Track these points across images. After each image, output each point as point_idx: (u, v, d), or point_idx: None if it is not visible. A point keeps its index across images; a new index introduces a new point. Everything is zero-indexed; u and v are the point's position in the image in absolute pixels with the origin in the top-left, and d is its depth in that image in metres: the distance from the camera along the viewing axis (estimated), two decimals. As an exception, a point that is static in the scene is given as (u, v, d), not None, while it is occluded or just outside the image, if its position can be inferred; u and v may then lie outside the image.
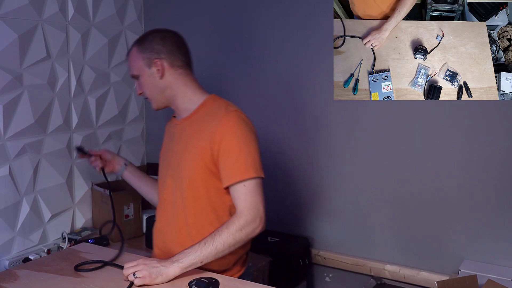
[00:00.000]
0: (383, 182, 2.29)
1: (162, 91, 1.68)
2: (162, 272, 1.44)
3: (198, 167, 1.60)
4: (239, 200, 1.55)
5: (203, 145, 1.58)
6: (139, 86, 1.72)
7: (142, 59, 1.67)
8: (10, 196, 2.16)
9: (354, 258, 2.37)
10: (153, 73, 1.67)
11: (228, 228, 1.51)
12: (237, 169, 1.55)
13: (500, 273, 1.96)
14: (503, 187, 2.05)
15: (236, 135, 1.57)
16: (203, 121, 1.62)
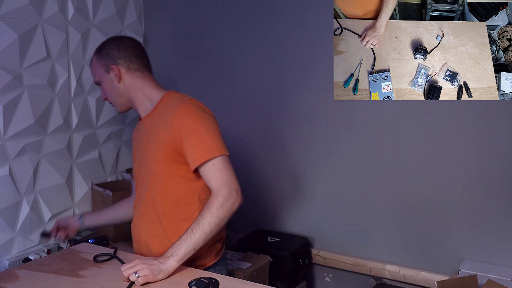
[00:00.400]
0: (383, 182, 2.29)
1: (121, 94, 1.78)
2: (162, 268, 1.47)
3: (162, 159, 1.66)
4: (212, 179, 1.60)
5: (164, 137, 1.64)
6: (102, 92, 1.83)
7: (101, 66, 1.78)
8: (10, 196, 2.16)
9: (354, 258, 2.37)
10: (112, 78, 1.77)
11: (209, 209, 1.55)
12: (202, 150, 1.60)
13: (500, 273, 1.96)
14: (503, 187, 2.05)
15: (193, 119, 1.63)
16: (162, 115, 1.69)
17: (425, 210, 2.20)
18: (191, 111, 1.64)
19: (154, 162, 1.68)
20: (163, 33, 2.80)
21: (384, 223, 2.31)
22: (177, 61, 2.80)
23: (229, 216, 1.58)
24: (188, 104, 1.65)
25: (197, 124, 1.62)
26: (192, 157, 1.61)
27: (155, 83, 1.81)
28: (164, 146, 1.64)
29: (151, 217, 1.70)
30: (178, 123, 1.61)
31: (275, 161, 2.56)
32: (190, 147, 1.61)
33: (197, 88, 2.74)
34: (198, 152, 1.60)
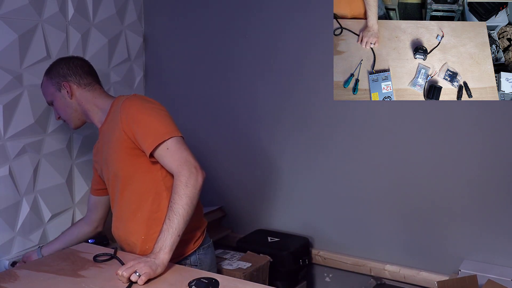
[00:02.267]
0: (383, 182, 2.29)
1: (75, 109, 1.87)
2: (158, 263, 1.50)
3: (120, 156, 1.72)
4: (169, 162, 1.63)
5: (116, 136, 1.71)
6: (55, 111, 1.92)
7: (52, 85, 1.88)
8: (10, 196, 2.15)
9: (354, 258, 2.37)
10: (64, 95, 1.86)
11: (177, 192, 1.58)
12: (152, 136, 1.64)
13: (500, 273, 1.96)
14: (504, 187, 2.05)
15: (138, 109, 1.69)
16: (113, 118, 1.76)
17: (425, 210, 2.20)
18: (134, 103, 1.71)
19: (115, 163, 1.74)
20: (163, 33, 2.80)
21: (384, 223, 2.31)
22: (177, 61, 2.80)
23: (197, 193, 1.60)
24: (132, 98, 1.74)
25: (142, 113, 1.68)
26: (145, 146, 1.66)
27: (105, 93, 1.90)
28: (119, 143, 1.70)
29: (126, 215, 1.77)
30: (125, 117, 1.68)
31: (275, 161, 2.55)
32: (141, 136, 1.66)
33: (197, 88, 2.74)
34: (149, 139, 1.65)
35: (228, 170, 2.68)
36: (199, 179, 1.60)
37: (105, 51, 2.58)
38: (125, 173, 1.74)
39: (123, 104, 1.71)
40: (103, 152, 1.82)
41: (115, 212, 1.84)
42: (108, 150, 1.77)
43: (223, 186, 2.71)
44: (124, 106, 1.70)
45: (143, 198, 1.73)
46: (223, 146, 2.68)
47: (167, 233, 1.55)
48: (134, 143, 1.68)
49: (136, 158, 1.70)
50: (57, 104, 1.88)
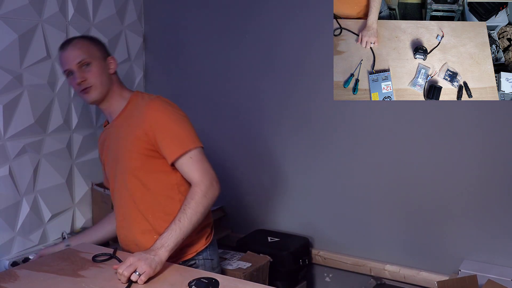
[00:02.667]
0: (383, 182, 2.29)
1: (107, 84, 1.78)
2: (157, 261, 1.50)
3: (136, 156, 1.70)
4: (191, 171, 1.67)
5: (137, 134, 1.69)
6: (83, 74, 1.75)
7: (97, 50, 1.80)
8: (10, 196, 2.15)
9: (354, 258, 2.37)
10: (107, 66, 1.80)
11: (194, 199, 1.62)
12: (177, 144, 1.67)
13: (500, 273, 1.96)
14: (503, 187, 2.05)
15: (165, 115, 1.70)
16: (132, 115, 1.74)
17: (425, 210, 2.20)
18: (160, 107, 1.71)
19: (130, 160, 1.72)
20: (163, 33, 2.80)
21: (384, 223, 2.31)
22: (177, 61, 2.79)
23: (211, 205, 1.66)
24: (157, 101, 1.73)
25: (168, 119, 1.69)
26: (167, 152, 1.67)
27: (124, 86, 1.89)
28: (138, 143, 1.69)
29: (135, 215, 1.75)
30: (150, 120, 1.67)
31: (275, 161, 2.55)
32: (165, 142, 1.67)
33: (197, 88, 2.74)
34: (173, 147, 1.66)
35: (228, 170, 2.68)
36: (216, 193, 1.66)
37: (105, 51, 2.58)
38: (139, 172, 1.72)
39: (148, 106, 1.71)
40: (112, 147, 1.80)
41: (122, 210, 1.80)
42: (121, 146, 1.75)
43: (223, 186, 2.68)
44: (150, 109, 1.70)
45: (155, 200, 1.73)
46: (222, 146, 2.68)
47: (174, 232, 1.56)
48: (154, 146, 1.68)
49: (153, 159, 1.70)
50: (95, 68, 1.76)
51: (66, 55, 1.77)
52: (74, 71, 1.75)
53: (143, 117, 1.69)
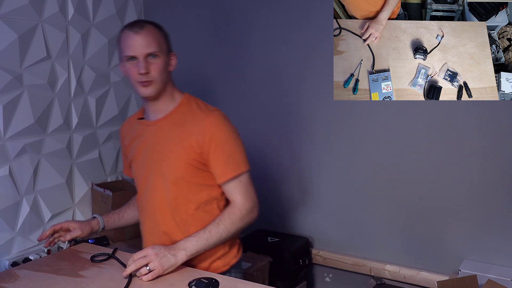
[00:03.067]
0: (383, 182, 2.29)
1: (165, 81, 1.69)
2: (172, 262, 1.48)
3: (183, 166, 1.63)
4: (236, 193, 1.64)
5: (190, 143, 1.61)
6: (149, 65, 1.62)
7: (165, 43, 1.68)
8: (10, 196, 2.16)
9: (354, 258, 2.37)
10: (168, 62, 1.69)
11: (230, 218, 1.60)
12: (231, 165, 1.63)
13: (500, 273, 1.96)
14: (503, 187, 2.05)
15: (224, 133, 1.63)
16: (185, 120, 1.66)
17: (425, 210, 2.20)
18: (222, 124, 1.64)
19: (177, 169, 1.64)
20: (163, 33, 2.80)
21: (384, 223, 2.31)
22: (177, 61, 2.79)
23: (244, 228, 1.64)
24: (218, 115, 1.65)
25: (228, 137, 1.63)
26: (219, 171, 1.62)
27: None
28: (189, 152, 1.61)
29: (169, 224, 1.66)
30: (210, 136, 1.60)
31: (274, 161, 2.55)
32: (218, 161, 1.61)
33: (197, 88, 2.74)
34: (227, 168, 1.62)
35: (228, 170, 2.68)
36: (253, 219, 1.65)
37: (105, 51, 2.58)
38: (183, 183, 1.64)
39: (209, 120, 1.62)
40: (153, 146, 1.69)
41: (150, 215, 1.71)
42: (167, 151, 1.65)
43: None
44: (211, 123, 1.62)
45: (194, 212, 1.65)
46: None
47: (200, 241, 1.54)
48: (204, 159, 1.62)
49: (199, 171, 1.64)
50: (160, 62, 1.64)
51: (136, 40, 1.61)
52: (139, 59, 1.61)
53: (201, 128, 1.61)
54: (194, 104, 1.70)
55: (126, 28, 1.65)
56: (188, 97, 1.73)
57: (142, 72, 1.60)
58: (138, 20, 1.69)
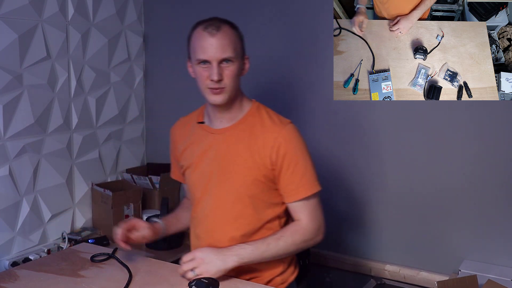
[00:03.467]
0: (383, 182, 2.28)
1: (237, 88, 1.56)
2: (220, 267, 1.43)
3: (250, 182, 1.54)
4: (302, 213, 1.56)
5: (261, 159, 1.52)
6: (222, 71, 1.50)
7: (240, 47, 1.55)
8: (10, 196, 2.16)
9: (354, 258, 2.37)
10: (241, 67, 1.56)
11: (293, 237, 1.53)
12: (303, 185, 1.54)
13: (500, 273, 1.96)
14: (503, 187, 2.05)
15: (299, 150, 1.55)
16: (254, 131, 1.56)
17: (425, 210, 2.20)
18: (296, 140, 1.55)
19: (242, 184, 1.54)
20: (163, 33, 2.80)
21: (384, 223, 2.31)
22: (177, 61, 2.79)
23: (304, 249, 1.60)
24: (292, 129, 1.56)
25: (301, 154, 1.55)
26: (290, 189, 1.54)
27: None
28: (259, 168, 1.53)
29: (229, 242, 1.55)
30: (283, 150, 1.51)
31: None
32: (291, 180, 1.53)
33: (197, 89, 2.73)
34: (299, 186, 1.53)
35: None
36: (316, 242, 1.60)
37: (105, 51, 2.58)
38: (248, 200, 1.54)
39: (283, 136, 1.52)
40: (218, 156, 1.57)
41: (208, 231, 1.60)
42: (231, 162, 1.55)
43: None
44: (285, 139, 1.52)
45: (256, 229, 1.57)
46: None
47: (257, 251, 1.48)
48: (274, 176, 1.54)
49: (266, 188, 1.55)
50: (234, 68, 1.51)
51: (211, 43, 1.47)
52: (212, 64, 1.49)
53: (274, 143, 1.51)
54: (265, 113, 1.59)
55: (200, 26, 1.53)
56: (258, 105, 1.62)
57: (215, 79, 1.48)
58: (214, 19, 1.54)
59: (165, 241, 2.33)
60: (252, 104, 1.62)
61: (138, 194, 2.56)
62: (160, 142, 2.87)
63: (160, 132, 2.87)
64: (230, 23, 1.55)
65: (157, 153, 2.89)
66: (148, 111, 2.90)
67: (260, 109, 1.62)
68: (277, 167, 1.53)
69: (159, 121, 2.87)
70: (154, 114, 2.89)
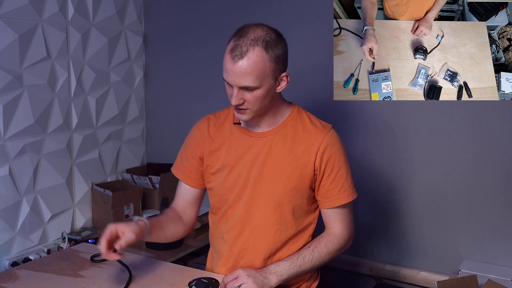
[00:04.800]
0: (383, 182, 2.29)
1: (267, 105, 1.48)
2: (265, 283, 1.40)
3: (293, 187, 1.51)
4: (337, 221, 1.55)
5: (304, 163, 1.50)
6: (244, 95, 1.41)
7: (272, 69, 1.40)
8: (10, 196, 2.16)
9: (354, 258, 2.37)
10: (275, 87, 1.45)
11: (327, 247, 1.51)
12: (344, 192, 1.54)
13: (500, 273, 1.96)
14: (503, 187, 2.05)
15: (342, 155, 1.54)
16: (297, 136, 1.53)
17: (425, 210, 2.20)
18: (340, 146, 1.54)
19: (285, 190, 1.51)
20: (163, 33, 2.80)
21: (384, 223, 2.31)
22: (177, 61, 2.80)
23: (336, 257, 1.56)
24: (335, 134, 1.54)
25: (345, 163, 1.54)
26: (330, 194, 1.52)
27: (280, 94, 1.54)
28: (300, 174, 1.50)
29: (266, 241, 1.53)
30: (327, 155, 1.50)
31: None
32: (332, 185, 1.52)
33: (197, 88, 2.74)
34: (340, 192, 1.53)
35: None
36: (347, 249, 1.58)
37: (105, 51, 2.58)
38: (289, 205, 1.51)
39: (327, 141, 1.50)
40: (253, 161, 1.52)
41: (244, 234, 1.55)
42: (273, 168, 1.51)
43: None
44: (329, 144, 1.50)
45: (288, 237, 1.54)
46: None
47: (293, 266, 1.46)
48: (312, 182, 1.52)
49: (306, 194, 1.53)
50: (260, 93, 1.41)
51: (233, 70, 1.38)
52: (233, 88, 1.42)
53: (318, 147, 1.49)
54: (306, 117, 1.57)
55: (230, 44, 1.42)
56: (298, 109, 1.59)
57: (234, 104, 1.43)
58: (246, 37, 1.39)
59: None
60: (292, 108, 1.58)
61: (138, 194, 2.56)
62: (160, 142, 2.88)
63: (160, 132, 2.88)
64: (267, 42, 1.39)
65: (157, 153, 2.89)
66: (148, 111, 2.90)
67: (301, 112, 1.59)
68: (320, 172, 1.51)
69: (159, 121, 2.87)
70: (154, 114, 2.89)
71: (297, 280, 1.55)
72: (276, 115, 1.54)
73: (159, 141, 2.88)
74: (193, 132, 1.65)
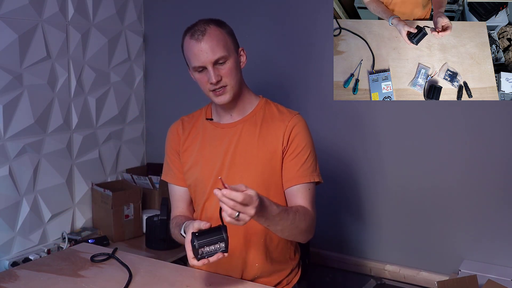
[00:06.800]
0: (383, 182, 2.29)
1: (240, 82, 1.57)
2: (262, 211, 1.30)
3: (268, 171, 1.55)
4: (305, 199, 1.53)
5: (274, 145, 1.55)
6: (219, 71, 1.51)
7: (232, 41, 1.55)
8: (10, 196, 2.16)
9: (354, 258, 2.37)
10: (238, 60, 1.56)
11: (305, 217, 1.47)
12: (306, 170, 1.54)
13: (500, 273, 1.96)
14: (503, 187, 2.05)
15: (308, 136, 1.58)
16: (267, 124, 1.58)
17: (425, 210, 2.20)
18: (305, 128, 1.58)
19: (261, 174, 1.54)
20: (163, 33, 2.80)
21: (384, 223, 2.31)
22: (177, 61, 2.79)
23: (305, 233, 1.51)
24: (302, 119, 1.59)
25: (309, 144, 1.57)
26: (295, 170, 1.53)
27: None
28: (271, 157, 1.55)
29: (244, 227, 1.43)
30: (293, 136, 1.54)
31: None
32: (295, 163, 1.53)
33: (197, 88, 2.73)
34: (305, 169, 1.54)
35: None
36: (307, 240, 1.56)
37: (105, 51, 2.58)
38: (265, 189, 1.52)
39: (293, 122, 1.56)
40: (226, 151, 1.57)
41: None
42: (247, 155, 1.55)
43: (223, 186, 2.71)
44: (296, 126, 1.55)
45: None
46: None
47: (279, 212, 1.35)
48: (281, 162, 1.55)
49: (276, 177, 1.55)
50: (231, 64, 1.51)
51: (201, 49, 1.50)
52: (207, 68, 1.51)
53: (284, 129, 1.55)
54: (273, 106, 1.63)
55: (188, 34, 1.56)
56: (266, 100, 1.65)
57: (213, 81, 1.50)
58: (199, 23, 1.56)
59: (165, 241, 2.32)
60: (260, 99, 1.66)
61: (138, 194, 2.56)
62: (160, 142, 2.86)
63: (160, 132, 2.87)
64: (216, 21, 1.56)
65: (157, 153, 2.89)
66: (148, 111, 2.90)
67: (269, 103, 1.65)
68: (285, 150, 1.55)
69: (159, 121, 2.87)
70: (154, 114, 2.89)
71: (278, 276, 1.60)
72: (245, 103, 1.62)
73: (159, 141, 2.87)
74: (168, 136, 1.73)
